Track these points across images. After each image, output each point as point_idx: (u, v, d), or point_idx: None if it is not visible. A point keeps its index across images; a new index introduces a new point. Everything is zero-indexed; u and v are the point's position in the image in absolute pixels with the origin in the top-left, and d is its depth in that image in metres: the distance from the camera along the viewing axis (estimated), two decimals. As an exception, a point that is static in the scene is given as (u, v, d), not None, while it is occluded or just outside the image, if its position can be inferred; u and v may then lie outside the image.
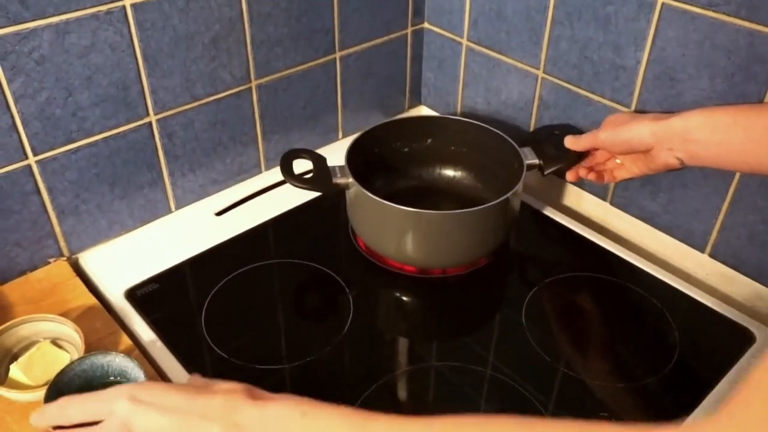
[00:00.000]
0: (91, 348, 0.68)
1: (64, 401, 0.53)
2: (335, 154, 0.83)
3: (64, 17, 0.69)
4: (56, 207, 0.78)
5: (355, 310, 0.77)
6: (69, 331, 0.68)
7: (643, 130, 0.72)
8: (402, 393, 0.70)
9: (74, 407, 0.52)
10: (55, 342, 0.68)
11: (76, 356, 0.67)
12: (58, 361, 0.66)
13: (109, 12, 0.72)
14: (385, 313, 0.81)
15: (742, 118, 0.66)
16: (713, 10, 0.71)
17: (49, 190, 0.76)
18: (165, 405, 0.50)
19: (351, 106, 1.03)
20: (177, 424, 0.49)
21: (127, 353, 0.64)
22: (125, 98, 0.78)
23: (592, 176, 0.84)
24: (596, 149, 0.83)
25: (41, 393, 0.63)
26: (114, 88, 0.76)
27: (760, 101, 0.71)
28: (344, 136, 1.05)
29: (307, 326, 0.77)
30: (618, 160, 0.82)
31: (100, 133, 0.77)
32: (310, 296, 0.82)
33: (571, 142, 0.83)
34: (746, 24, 0.69)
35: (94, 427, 0.51)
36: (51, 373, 0.65)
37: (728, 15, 0.70)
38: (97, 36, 0.72)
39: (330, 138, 1.03)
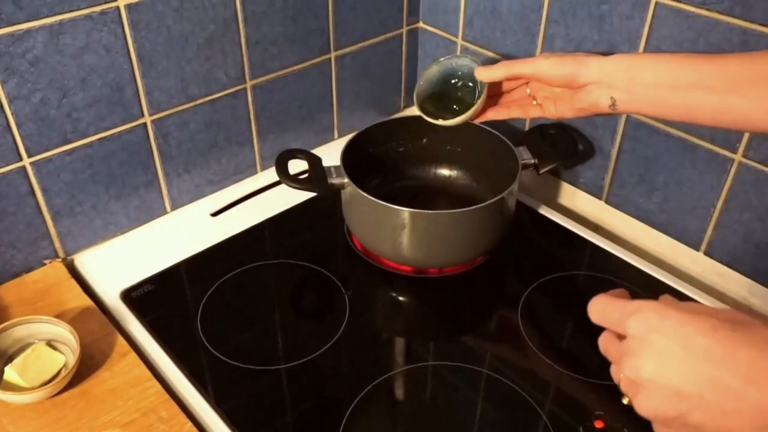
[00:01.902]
0: (86, 349, 0.68)
1: (602, 301, 0.50)
2: (331, 154, 0.83)
3: (57, 18, 0.69)
4: (51, 208, 0.78)
5: (352, 311, 0.77)
6: (64, 332, 0.68)
7: (592, 65, 0.68)
8: (399, 393, 0.70)
9: (597, 308, 0.50)
10: (50, 344, 0.68)
11: (71, 358, 0.66)
12: (54, 362, 0.66)
13: (103, 13, 0.72)
14: (381, 313, 0.81)
15: (689, 62, 0.63)
16: (707, 9, 0.71)
17: (44, 192, 0.76)
18: (689, 345, 0.39)
19: (346, 106, 1.03)
20: (698, 377, 0.39)
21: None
22: (120, 99, 0.77)
23: (502, 113, 0.79)
24: (515, 78, 0.77)
25: (37, 395, 0.63)
26: (108, 89, 0.76)
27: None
28: (340, 136, 1.05)
29: (303, 327, 0.77)
30: (531, 93, 0.77)
31: (95, 134, 0.77)
32: (306, 297, 0.82)
33: (486, 73, 0.76)
34: (739, 22, 0.69)
35: (611, 343, 0.48)
36: (46, 375, 0.65)
37: (721, 13, 0.70)
38: (91, 37, 0.72)
39: (325, 138, 1.03)
